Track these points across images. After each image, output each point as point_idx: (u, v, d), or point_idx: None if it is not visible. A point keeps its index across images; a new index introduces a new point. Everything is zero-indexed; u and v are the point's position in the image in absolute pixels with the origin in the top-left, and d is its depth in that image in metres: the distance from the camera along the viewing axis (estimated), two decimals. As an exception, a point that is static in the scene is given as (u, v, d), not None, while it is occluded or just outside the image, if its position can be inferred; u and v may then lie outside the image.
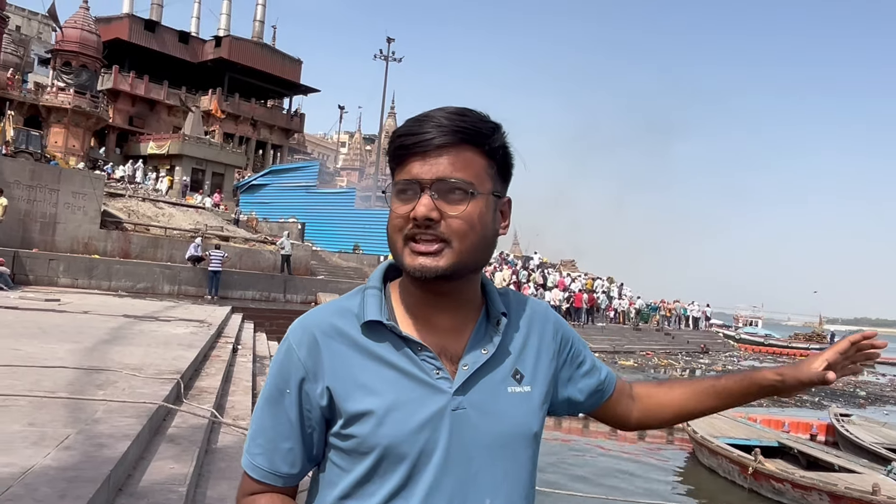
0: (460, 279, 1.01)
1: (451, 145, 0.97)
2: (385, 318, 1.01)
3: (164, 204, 26.57)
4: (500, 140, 1.02)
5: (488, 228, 1.01)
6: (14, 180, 17.84)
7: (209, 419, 4.79)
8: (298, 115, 56.14)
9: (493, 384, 1.03)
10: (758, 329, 48.67)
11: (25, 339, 6.96)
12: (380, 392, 0.98)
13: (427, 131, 0.97)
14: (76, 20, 38.15)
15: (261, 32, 57.79)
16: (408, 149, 0.98)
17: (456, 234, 0.97)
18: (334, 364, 1.00)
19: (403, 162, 0.99)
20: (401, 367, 1.00)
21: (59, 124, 36.70)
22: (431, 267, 0.96)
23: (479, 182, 0.99)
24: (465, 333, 1.05)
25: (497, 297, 1.09)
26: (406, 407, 0.98)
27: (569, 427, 12.78)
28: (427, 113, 1.00)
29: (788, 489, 8.47)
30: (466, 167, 0.98)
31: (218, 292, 19.07)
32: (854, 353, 1.16)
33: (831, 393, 20.52)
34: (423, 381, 1.00)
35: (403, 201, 0.98)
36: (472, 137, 0.99)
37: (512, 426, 1.03)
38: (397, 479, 0.97)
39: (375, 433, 0.97)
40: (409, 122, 1.00)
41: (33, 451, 3.14)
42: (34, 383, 4.68)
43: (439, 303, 1.04)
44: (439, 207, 0.96)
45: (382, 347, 1.01)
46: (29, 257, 16.66)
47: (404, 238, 0.98)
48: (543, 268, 34.82)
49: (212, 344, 8.77)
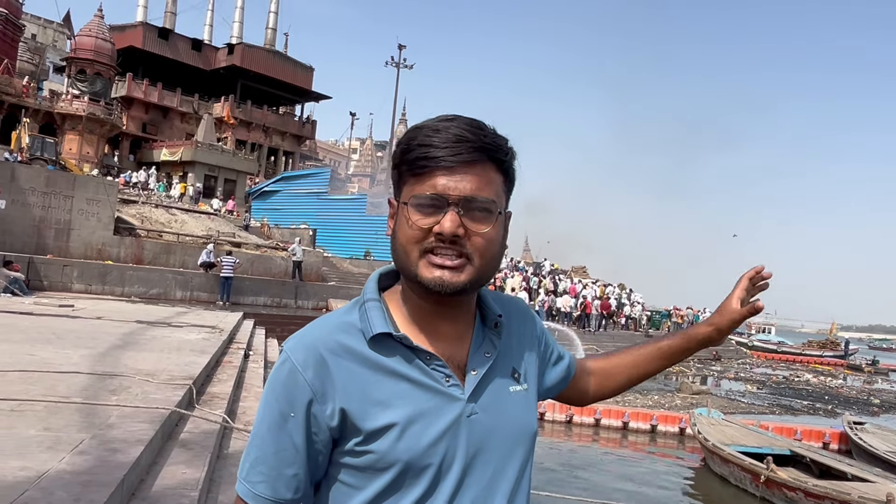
0: (470, 294, 1.02)
1: (477, 162, 0.98)
2: (393, 330, 1.00)
3: (177, 210, 26.73)
4: (513, 157, 1.03)
5: (501, 244, 1.03)
6: (29, 187, 18.03)
7: (221, 424, 4.83)
8: (310, 122, 56.37)
9: (498, 386, 1.05)
10: (771, 336, 48.32)
11: (40, 344, 7.03)
12: (396, 406, 0.97)
13: (451, 146, 0.96)
14: (91, 28, 38.55)
15: (273, 40, 58.14)
16: (432, 161, 0.97)
17: (478, 252, 0.97)
18: (346, 383, 0.98)
19: (426, 174, 0.97)
20: (413, 379, 0.99)
21: (73, 131, 37.03)
22: (452, 282, 0.96)
23: (499, 200, 1.00)
24: (466, 339, 1.06)
25: (491, 300, 1.10)
26: (424, 419, 0.97)
27: (579, 434, 12.74)
28: (441, 122, 0.99)
29: (801, 498, 8.40)
30: (490, 185, 0.99)
31: (230, 298, 19.16)
32: (752, 287, 1.28)
33: (845, 401, 20.35)
34: (437, 391, 0.99)
35: (425, 214, 0.97)
36: (494, 154, 0.99)
37: (519, 425, 1.06)
38: (419, 491, 0.97)
39: (395, 448, 0.96)
40: (427, 132, 0.98)
41: (48, 455, 3.19)
42: (49, 388, 4.74)
43: (443, 312, 1.03)
44: (465, 224, 0.96)
45: (393, 361, 1.00)
46: (43, 263, 16.82)
47: (422, 250, 0.97)
48: (554, 274, 34.74)
49: (224, 350, 8.82)
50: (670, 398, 16.55)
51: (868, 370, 34.65)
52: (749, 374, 26.93)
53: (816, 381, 25.98)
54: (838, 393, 22.62)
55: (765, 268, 1.28)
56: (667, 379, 20.94)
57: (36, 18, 62.94)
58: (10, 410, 4.02)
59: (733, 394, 19.63)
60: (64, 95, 37.86)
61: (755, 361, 34.14)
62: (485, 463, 1.01)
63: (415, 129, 1.00)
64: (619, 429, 12.97)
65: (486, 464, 1.01)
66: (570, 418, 12.99)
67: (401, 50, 43.43)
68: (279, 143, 52.94)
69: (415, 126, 1.01)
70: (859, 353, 43.89)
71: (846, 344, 42.11)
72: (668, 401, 16.06)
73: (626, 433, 12.88)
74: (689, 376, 22.34)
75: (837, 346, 41.30)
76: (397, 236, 1.00)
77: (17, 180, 17.82)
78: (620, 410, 13.31)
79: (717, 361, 29.83)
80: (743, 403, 17.44)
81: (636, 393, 16.96)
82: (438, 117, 1.01)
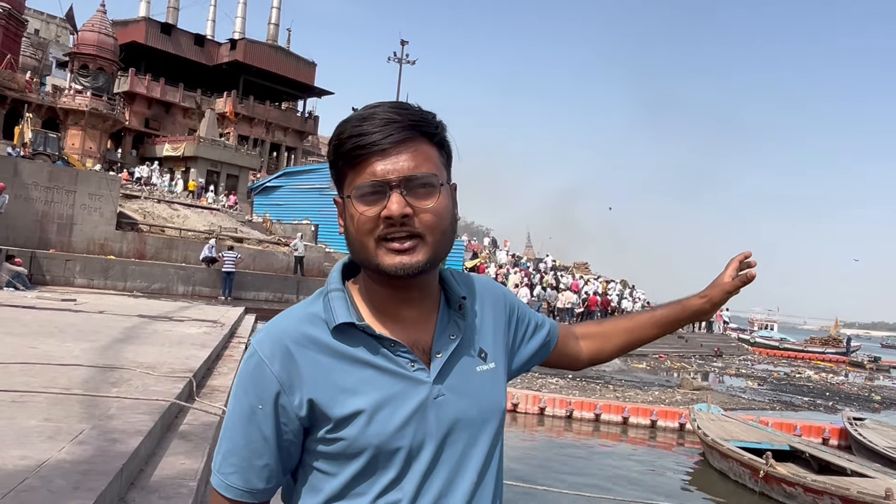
0: (431, 272, 1.04)
1: (409, 140, 0.98)
2: (356, 320, 1.01)
3: (179, 205, 26.76)
4: (444, 129, 1.04)
5: (452, 217, 1.04)
6: (32, 182, 18.08)
7: (220, 417, 4.86)
8: (312, 118, 56.39)
9: (464, 366, 1.07)
10: (773, 333, 48.28)
11: (42, 337, 7.07)
12: (363, 393, 0.99)
13: (381, 129, 0.97)
14: (93, 23, 38.59)
15: (275, 35, 58.12)
16: (365, 148, 0.97)
17: (428, 228, 0.99)
18: (313, 373, 0.99)
19: (361, 163, 0.98)
20: (378, 366, 1.01)
21: (76, 126, 37.11)
22: (411, 264, 0.98)
23: (440, 173, 1.01)
24: (430, 323, 1.07)
25: (454, 282, 1.11)
26: (391, 404, 0.99)
27: (578, 429, 12.78)
28: (368, 111, 1.00)
29: (800, 493, 8.42)
30: (427, 161, 1.00)
31: (231, 293, 19.20)
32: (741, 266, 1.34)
33: (846, 397, 20.36)
34: (403, 376, 1.01)
35: (369, 203, 0.98)
36: (424, 129, 1.00)
37: (487, 403, 1.08)
38: (392, 474, 0.99)
39: (364, 433, 0.97)
40: (355, 122, 0.99)
41: (48, 445, 3.22)
42: (50, 380, 4.77)
43: (406, 297, 1.05)
44: (410, 203, 0.97)
45: (357, 349, 1.01)
46: (46, 258, 16.87)
47: (377, 239, 0.98)
48: (556, 270, 34.73)
49: (225, 344, 8.86)
50: (671, 394, 16.57)
51: (869, 367, 34.63)
52: (750, 370, 26.91)
53: (818, 378, 25.97)
54: (839, 389, 22.62)
55: (752, 253, 1.35)
56: (668, 375, 20.97)
57: (39, 14, 63.04)
58: (12, 401, 4.06)
59: (734, 390, 19.64)
60: (67, 90, 37.93)
61: (757, 358, 34.13)
62: (454, 443, 1.03)
63: (343, 123, 1.01)
64: (619, 424, 13.00)
65: (455, 443, 1.03)
66: (571, 413, 13.04)
67: (403, 46, 43.30)
68: (281, 138, 52.97)
69: (342, 120, 1.02)
70: (862, 350, 43.82)
71: (848, 341, 42.06)
72: (668, 396, 16.08)
73: (626, 428, 12.91)
74: (690, 372, 22.36)
75: (840, 342, 41.24)
76: (350, 231, 1.02)
77: (19, 175, 17.86)
78: (620, 406, 13.34)
79: (718, 358, 29.83)
80: (743, 399, 17.45)
81: (636, 388, 16.99)
82: (365, 106, 1.02)
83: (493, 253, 34.93)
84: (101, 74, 38.05)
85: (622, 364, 22.66)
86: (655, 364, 23.85)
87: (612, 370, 20.50)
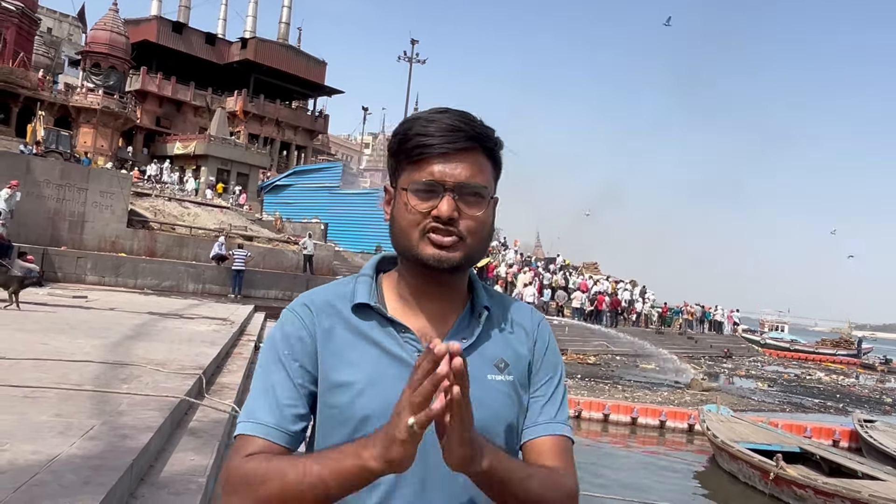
0: (464, 271, 1.12)
1: (470, 150, 1.07)
2: (373, 302, 1.10)
3: (190, 203, 26.88)
4: (501, 146, 1.12)
5: (491, 227, 1.11)
6: (44, 179, 18.19)
7: (230, 413, 4.88)
8: (322, 117, 56.48)
9: (473, 371, 1.01)
10: (783, 334, 47.97)
11: (53, 334, 7.12)
12: (360, 366, 1.06)
13: (446, 135, 1.05)
14: (105, 22, 38.80)
15: (286, 34, 58.24)
16: (429, 149, 1.05)
17: (470, 232, 1.06)
18: (326, 336, 1.09)
19: (422, 161, 1.06)
20: (383, 346, 1.08)
21: (88, 124, 37.33)
22: (448, 258, 1.05)
23: (490, 186, 1.09)
24: (448, 322, 1.13)
25: (482, 292, 1.17)
26: (384, 383, 1.04)
27: (587, 429, 12.74)
28: (435, 114, 1.07)
29: (811, 496, 8.36)
30: (481, 172, 1.08)
31: (241, 291, 19.28)
32: None
33: (856, 399, 20.23)
34: (403, 360, 1.06)
35: (423, 199, 1.06)
36: (484, 143, 1.09)
37: (488, 413, 1.05)
38: None
39: (353, 404, 1.04)
40: (423, 123, 1.06)
41: (60, 440, 3.24)
42: (61, 376, 4.80)
43: (431, 292, 1.12)
44: (459, 208, 1.05)
45: (368, 326, 1.09)
46: (58, 255, 16.97)
47: (421, 231, 1.06)
48: (566, 270, 34.65)
49: (234, 342, 8.90)
50: (680, 394, 16.51)
51: (881, 369, 34.38)
52: (760, 371, 26.79)
53: (828, 380, 25.81)
54: (850, 391, 22.47)
55: None
56: (677, 375, 20.89)
57: (51, 12, 63.45)
58: (24, 397, 4.09)
59: (744, 391, 19.55)
60: (79, 89, 38.17)
61: (767, 359, 33.94)
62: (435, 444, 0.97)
63: (410, 121, 1.09)
64: (628, 424, 12.96)
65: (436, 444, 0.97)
66: (579, 413, 12.99)
67: (413, 45, 43.38)
68: (291, 137, 53.08)
69: (410, 117, 1.10)
70: (874, 353, 43.47)
71: (860, 342, 41.74)
72: (677, 397, 16.02)
73: (635, 428, 12.87)
74: (700, 373, 22.26)
75: (852, 344, 40.91)
76: (396, 220, 1.09)
77: (32, 173, 17.98)
78: (629, 406, 13.30)
79: (728, 359, 29.70)
80: (753, 401, 17.36)
81: (645, 389, 16.93)
82: (431, 109, 1.09)
83: (501, 252, 34.88)
84: (112, 73, 38.26)
85: (631, 364, 22.60)
86: (664, 365, 23.75)
87: (621, 370, 20.45)
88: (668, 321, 33.72)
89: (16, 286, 9.56)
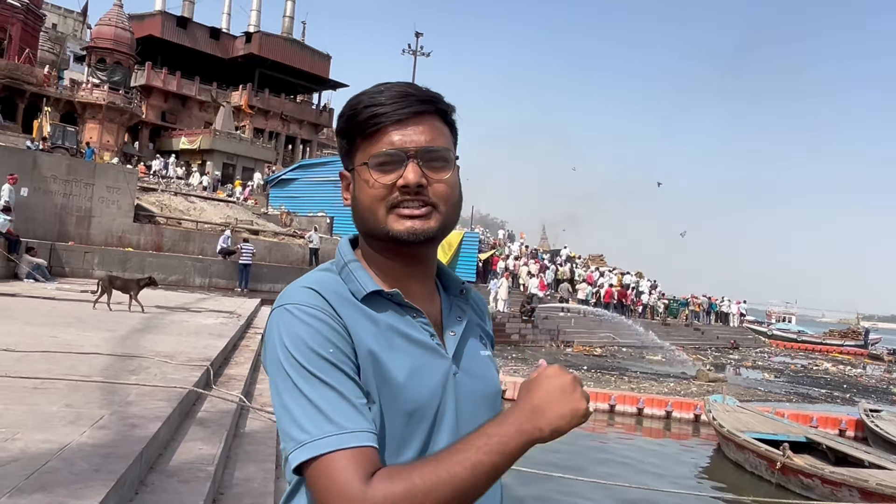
0: (438, 243, 1.06)
1: (426, 114, 1.02)
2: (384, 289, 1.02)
3: (196, 198, 26.94)
4: (453, 110, 1.08)
5: (460, 192, 1.07)
6: (51, 175, 18.26)
7: (238, 404, 4.92)
8: (327, 110, 56.45)
9: (472, 348, 1.10)
10: (791, 325, 47.90)
11: (62, 327, 7.18)
12: (398, 359, 0.98)
13: (397, 101, 1.00)
14: (110, 17, 38.89)
15: (290, 28, 58.22)
16: (383, 118, 0.99)
17: (441, 199, 1.01)
18: (355, 328, 0.97)
19: (377, 133, 1.00)
20: (409, 335, 1.01)
21: (93, 120, 37.46)
22: (423, 229, 1.00)
23: (452, 149, 1.05)
24: (435, 302, 1.10)
25: (450, 271, 1.16)
26: (422, 372, 0.99)
27: (593, 419, 12.76)
28: (383, 86, 1.03)
29: (818, 485, 8.37)
30: (441, 135, 1.03)
31: (248, 285, 19.35)
32: None
33: (863, 389, 20.18)
34: (429, 347, 1.02)
35: (386, 171, 1.00)
36: (438, 105, 1.04)
37: (491, 386, 1.09)
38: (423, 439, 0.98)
39: (398, 398, 0.96)
40: (370, 94, 1.01)
41: (70, 429, 3.28)
42: (71, 368, 4.85)
43: (413, 272, 1.06)
44: (426, 174, 1.00)
45: (386, 316, 1.00)
46: (65, 250, 17.06)
47: (388, 206, 1.00)
48: (572, 262, 34.61)
49: (241, 334, 8.95)
50: (686, 385, 16.51)
51: (889, 359, 34.29)
52: (767, 362, 26.75)
53: (835, 370, 25.76)
54: (857, 382, 22.42)
55: None
56: (683, 366, 20.88)
57: (56, 8, 63.45)
58: (34, 388, 4.13)
59: (750, 382, 19.53)
60: (84, 84, 38.28)
61: (773, 350, 33.90)
62: (471, 419, 1.00)
63: (356, 96, 1.03)
64: (634, 415, 12.97)
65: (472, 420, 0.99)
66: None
67: (418, 38, 43.21)
68: (297, 131, 53.11)
69: (355, 94, 1.04)
70: (882, 343, 43.36)
71: (866, 333, 41.65)
72: (683, 388, 16.02)
73: (641, 419, 12.88)
74: (706, 364, 22.25)
75: (859, 335, 40.83)
76: (359, 200, 1.03)
77: (38, 168, 18.05)
78: (635, 397, 13.31)
79: (734, 350, 29.68)
80: (759, 391, 17.34)
81: (651, 380, 16.94)
82: (376, 84, 1.04)
83: (508, 245, 34.86)
84: (118, 68, 38.37)
85: (637, 356, 22.60)
86: (671, 356, 23.75)
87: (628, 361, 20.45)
88: (673, 311, 33.70)
89: (136, 289, 9.97)
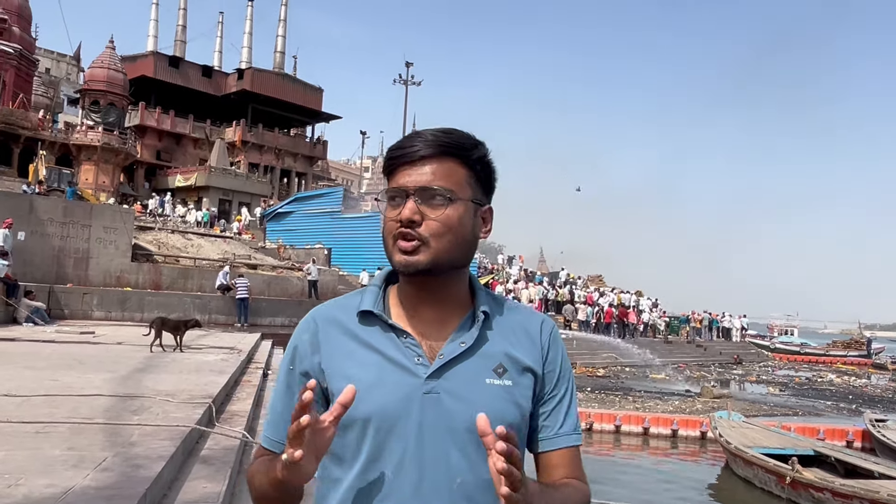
0: (441, 275, 1.13)
1: (434, 157, 1.12)
2: (377, 309, 1.15)
3: (193, 235, 26.99)
4: (479, 153, 1.16)
5: (467, 231, 1.13)
6: (48, 217, 18.31)
7: (241, 440, 4.89)
8: (321, 143, 56.77)
9: (470, 374, 1.11)
10: (793, 338, 47.76)
11: (63, 370, 7.15)
12: (361, 372, 1.10)
13: (413, 145, 1.12)
14: (103, 60, 39.22)
15: (282, 63, 58.79)
16: (397, 160, 1.13)
17: (433, 234, 1.10)
18: (329, 346, 1.15)
19: (393, 173, 1.14)
20: (384, 352, 1.12)
21: (89, 161, 37.61)
22: (411, 262, 1.10)
23: (460, 189, 1.12)
24: (448, 327, 1.16)
25: (483, 296, 1.19)
26: (384, 387, 1.09)
27: (600, 440, 12.69)
28: (417, 131, 1.16)
29: (828, 498, 8.30)
30: (447, 176, 1.12)
31: (248, 320, 19.30)
32: None
33: (869, 399, 20.10)
34: (402, 366, 1.11)
35: (393, 207, 1.12)
36: (453, 150, 1.13)
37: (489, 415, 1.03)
38: (372, 449, 1.08)
39: (356, 408, 1.02)
40: (402, 140, 1.15)
41: (73, 472, 3.26)
42: (73, 410, 4.83)
43: (425, 297, 1.16)
44: (422, 211, 1.10)
45: (371, 333, 1.14)
46: (64, 292, 17.03)
47: (393, 238, 1.12)
48: (571, 283, 34.61)
49: (242, 370, 8.91)
50: (691, 403, 16.43)
51: (893, 368, 34.16)
52: (771, 376, 26.65)
53: (840, 381, 25.66)
54: (863, 392, 22.33)
55: None
56: (688, 384, 20.79)
57: (49, 52, 64.06)
58: (36, 432, 4.12)
59: (755, 396, 19.44)
60: (79, 127, 38.51)
61: (777, 364, 33.78)
62: (439, 439, 1.07)
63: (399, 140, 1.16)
64: (640, 434, 12.90)
65: (440, 440, 1.07)
66: (591, 426, 12.93)
67: (408, 67, 43.72)
68: (291, 164, 53.33)
69: None
70: (885, 352, 43.23)
71: (869, 342, 41.54)
72: (688, 405, 15.95)
73: (647, 438, 12.80)
74: (710, 381, 22.16)
75: (862, 345, 40.71)
76: (382, 231, 1.16)
77: (35, 211, 18.11)
78: (641, 416, 13.24)
79: (738, 365, 29.56)
80: (765, 406, 17.26)
81: (656, 399, 16.86)
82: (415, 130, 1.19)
83: (505, 269, 34.88)
84: (111, 109, 38.61)
85: (640, 375, 22.50)
86: (675, 374, 23.66)
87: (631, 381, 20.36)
88: (675, 329, 33.62)
89: (183, 330, 10.17)
